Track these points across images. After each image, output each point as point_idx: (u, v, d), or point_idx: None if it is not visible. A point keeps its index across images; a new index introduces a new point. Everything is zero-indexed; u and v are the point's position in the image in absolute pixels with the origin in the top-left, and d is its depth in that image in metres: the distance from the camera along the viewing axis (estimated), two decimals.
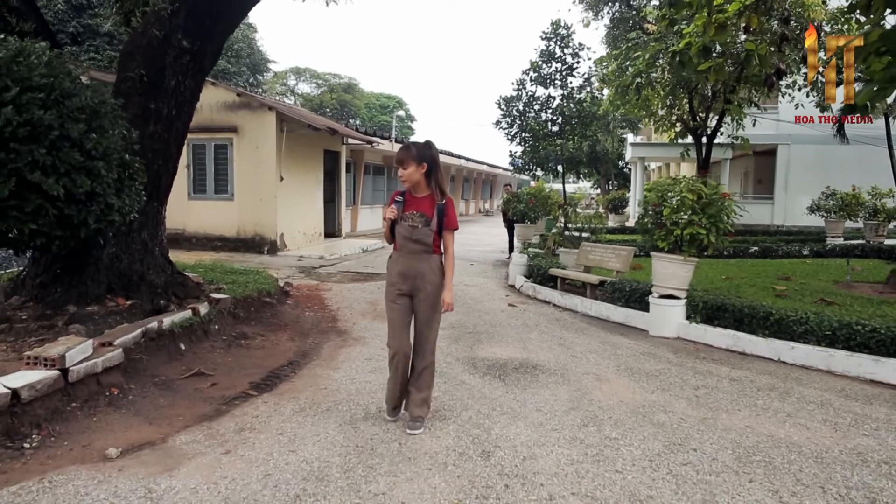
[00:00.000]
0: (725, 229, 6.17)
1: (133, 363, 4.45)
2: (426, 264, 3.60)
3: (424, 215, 3.58)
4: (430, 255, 3.61)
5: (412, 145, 3.62)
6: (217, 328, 5.74)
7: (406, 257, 3.63)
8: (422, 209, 3.60)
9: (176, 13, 6.31)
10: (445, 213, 3.60)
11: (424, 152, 3.59)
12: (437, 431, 3.71)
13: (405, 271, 3.61)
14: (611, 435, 3.71)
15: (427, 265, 3.61)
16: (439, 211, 3.59)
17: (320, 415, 3.94)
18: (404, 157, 3.56)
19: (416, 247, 3.59)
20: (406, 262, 3.63)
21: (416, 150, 3.57)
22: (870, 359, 5.00)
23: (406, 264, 3.62)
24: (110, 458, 3.24)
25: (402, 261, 3.64)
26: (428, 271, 3.60)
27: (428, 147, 3.64)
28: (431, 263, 3.62)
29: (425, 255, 3.60)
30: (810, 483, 3.13)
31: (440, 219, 3.59)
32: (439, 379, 4.75)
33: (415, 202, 3.64)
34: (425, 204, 3.62)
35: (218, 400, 4.20)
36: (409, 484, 3.03)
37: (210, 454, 3.32)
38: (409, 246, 3.60)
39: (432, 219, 3.57)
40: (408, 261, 3.62)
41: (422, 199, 3.63)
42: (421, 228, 3.56)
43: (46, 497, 2.82)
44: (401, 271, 3.63)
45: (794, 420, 4.03)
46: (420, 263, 3.60)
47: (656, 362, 5.41)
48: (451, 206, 3.64)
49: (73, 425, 3.61)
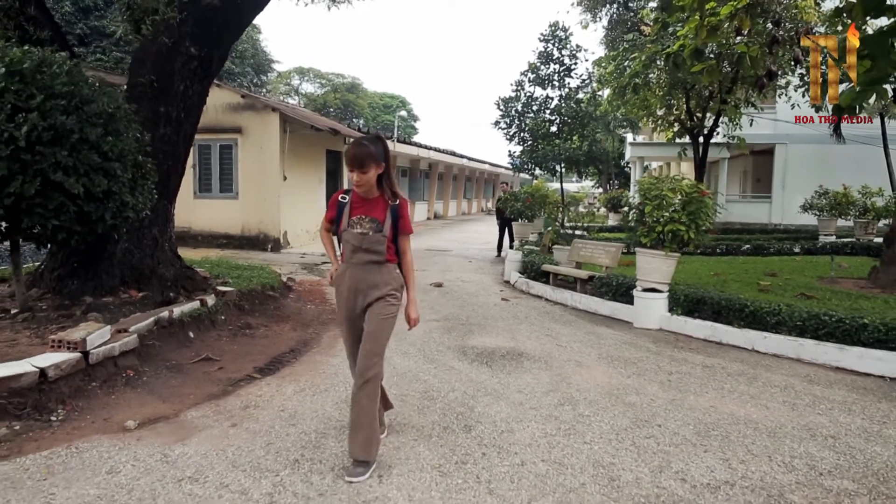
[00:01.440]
0: (705, 226, 6.49)
1: (147, 348, 4.81)
2: (379, 276, 3.15)
3: (376, 220, 3.11)
4: (383, 265, 3.16)
5: (368, 142, 3.07)
6: (223, 318, 6.09)
7: (355, 269, 3.16)
8: (373, 213, 3.12)
9: (184, 22, 6.65)
10: (401, 216, 3.15)
11: (381, 150, 3.10)
12: (425, 409, 4.06)
13: (356, 285, 3.16)
14: (584, 413, 4.05)
15: (380, 277, 3.15)
16: (393, 214, 3.13)
17: (319, 394, 4.30)
18: (364, 158, 3.00)
19: (366, 256, 3.12)
20: (356, 274, 3.16)
21: (375, 149, 3.06)
22: (835, 347, 5.32)
23: (356, 276, 3.16)
24: (129, 429, 3.60)
25: (352, 273, 3.17)
26: (382, 283, 3.15)
27: (382, 142, 3.15)
28: (386, 274, 3.17)
29: (377, 266, 3.14)
30: (759, 453, 3.47)
31: (395, 223, 3.13)
32: (429, 364, 5.10)
33: (363, 205, 3.15)
34: (377, 207, 3.14)
35: (225, 382, 4.56)
36: (397, 451, 3.38)
37: (218, 427, 3.68)
38: (358, 256, 3.13)
39: (384, 223, 3.10)
40: (358, 272, 3.16)
41: (372, 202, 3.15)
42: (372, 235, 3.09)
43: (74, 460, 3.18)
44: (351, 286, 3.17)
45: (756, 401, 4.36)
46: (371, 275, 3.14)
47: (636, 351, 5.74)
48: (406, 208, 3.22)
49: (94, 402, 3.98)
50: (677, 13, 11.89)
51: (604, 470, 3.22)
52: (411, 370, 4.93)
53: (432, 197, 30.73)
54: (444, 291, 8.99)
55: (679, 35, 12.34)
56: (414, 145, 26.55)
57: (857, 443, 3.63)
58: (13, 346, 4.45)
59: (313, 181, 15.68)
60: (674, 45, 12.60)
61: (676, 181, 6.69)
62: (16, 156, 4.23)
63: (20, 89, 4.33)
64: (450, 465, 3.24)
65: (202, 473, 3.06)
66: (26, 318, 5.10)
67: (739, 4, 11.28)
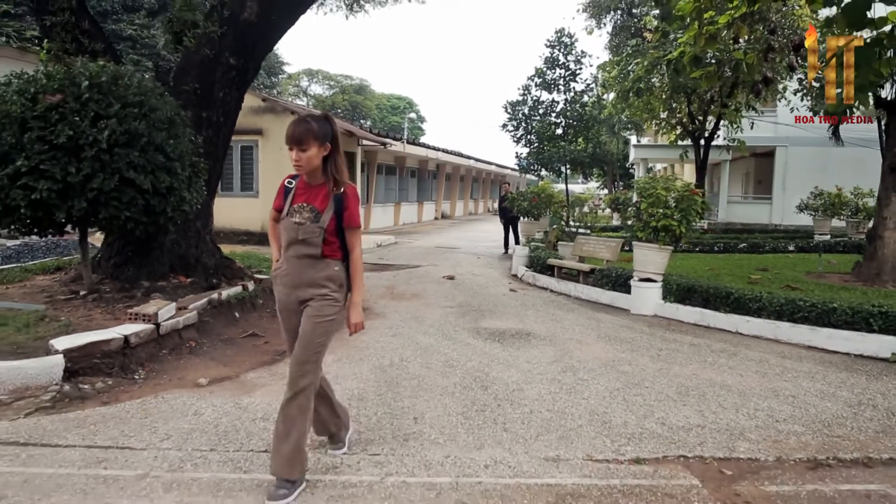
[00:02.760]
0: (695, 222, 7.16)
1: (202, 324, 5.52)
2: (314, 272, 2.81)
3: (315, 209, 2.79)
4: (321, 261, 2.81)
5: (311, 119, 2.79)
6: (261, 302, 6.80)
7: (292, 263, 2.84)
8: (314, 202, 2.82)
9: (225, 36, 7.37)
10: (346, 206, 2.81)
11: (326, 129, 2.79)
12: (447, 373, 4.75)
13: (292, 281, 2.84)
14: (583, 377, 4.74)
15: (316, 273, 2.81)
16: (337, 203, 2.80)
17: (355, 363, 5.00)
18: (303, 136, 2.72)
19: (302, 249, 2.80)
20: (293, 269, 2.84)
21: (319, 127, 2.76)
22: (808, 329, 5.99)
23: (292, 272, 2.84)
24: (201, 385, 4.32)
25: (288, 268, 2.86)
26: (319, 281, 2.81)
27: (329, 122, 2.83)
28: (324, 271, 2.82)
29: (315, 261, 2.80)
30: (729, 406, 4.14)
31: (339, 214, 2.79)
32: (448, 341, 5.80)
33: (306, 192, 2.86)
34: (319, 195, 2.83)
35: (272, 353, 5.27)
36: (426, 402, 4.08)
37: (274, 385, 4.38)
38: (294, 248, 2.81)
39: (324, 213, 2.78)
40: (294, 267, 2.83)
41: (315, 189, 2.85)
42: (308, 226, 2.77)
43: (164, 406, 3.89)
44: (287, 282, 2.86)
45: (732, 371, 5.04)
46: (308, 271, 2.81)
47: (631, 332, 6.42)
48: (354, 198, 2.85)
49: (167, 365, 4.69)
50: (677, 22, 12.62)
51: (598, 417, 3.91)
52: (432, 346, 5.62)
53: (440, 197, 31.42)
54: (456, 283, 9.68)
55: (679, 42, 13.05)
56: (423, 146, 27.25)
57: (813, 401, 4.30)
58: (90, 321, 5.17)
59: None
60: (674, 51, 13.31)
61: (670, 181, 7.36)
62: (97, 156, 4.95)
63: (100, 99, 5.05)
64: (471, 412, 3.93)
65: (270, 415, 3.76)
66: (95, 299, 5.82)
67: (737, 14, 11.99)
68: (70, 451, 3.20)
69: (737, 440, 3.57)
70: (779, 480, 3.07)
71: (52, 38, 7.18)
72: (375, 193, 22.31)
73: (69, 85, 5.05)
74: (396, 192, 25.31)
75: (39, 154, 4.79)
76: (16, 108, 4.85)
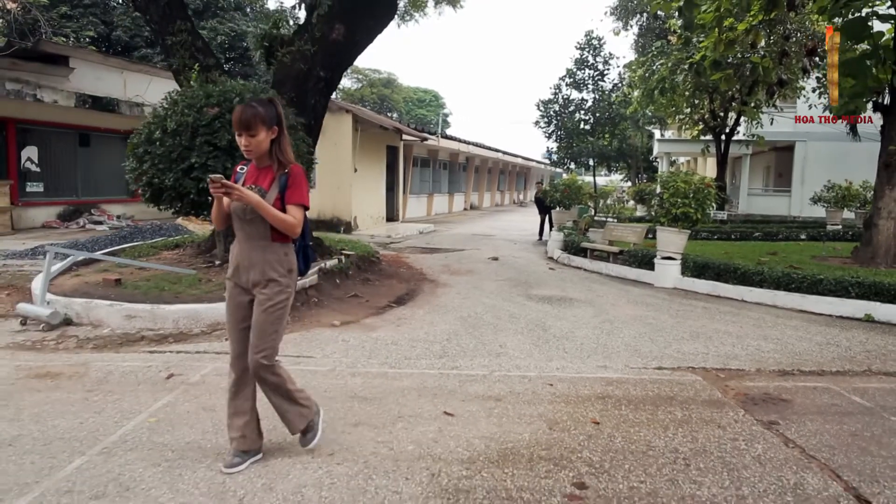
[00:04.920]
0: (710, 209, 8.54)
1: (317, 287, 7.10)
2: (262, 254, 2.84)
3: (262, 189, 2.82)
4: (268, 244, 2.85)
5: (257, 103, 2.80)
6: (351, 273, 8.37)
7: (241, 245, 2.90)
8: (261, 182, 2.86)
9: (316, 52, 8.90)
10: (289, 185, 2.82)
11: (272, 112, 2.83)
12: (514, 321, 6.26)
13: (241, 262, 2.89)
14: (618, 326, 6.22)
15: (263, 255, 2.84)
16: (281, 183, 2.82)
17: (441, 314, 6.54)
18: (251, 120, 2.74)
19: (250, 230, 2.84)
20: (241, 250, 2.90)
21: (265, 111, 2.79)
22: (799, 296, 7.37)
23: (241, 253, 2.90)
24: (336, 325, 5.88)
25: (237, 249, 2.92)
26: (264, 264, 2.84)
27: (274, 105, 2.87)
28: (270, 254, 2.85)
29: (262, 243, 2.84)
30: (727, 344, 5.59)
31: (282, 192, 2.81)
32: (508, 303, 7.30)
33: (255, 175, 2.91)
34: (266, 176, 2.88)
35: (375, 308, 6.83)
36: (504, 337, 5.60)
37: (388, 327, 5.92)
38: (244, 230, 2.87)
39: (268, 193, 2.80)
40: (243, 249, 2.89)
41: (263, 172, 2.90)
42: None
43: (317, 337, 5.46)
44: (236, 263, 2.91)
45: (734, 324, 6.47)
46: (255, 253, 2.85)
47: (654, 299, 7.86)
48: (299, 177, 2.87)
49: (303, 313, 6.27)
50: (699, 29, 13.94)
51: (630, 347, 5.39)
52: (496, 305, 7.13)
53: (469, 188, 32.90)
54: (501, 263, 11.17)
55: (701, 46, 14.35)
56: (455, 140, 28.71)
57: (792, 342, 5.74)
58: None
59: (376, 173, 18.00)
60: (696, 55, 14.60)
61: (689, 175, 8.75)
62: (230, 155, 6.51)
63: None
64: (538, 343, 5.44)
65: (396, 342, 5.31)
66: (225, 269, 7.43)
67: (755, 21, 13.31)
68: None
69: (730, 360, 5.03)
70: (756, 380, 4.53)
71: (173, 55, 8.81)
72: (410, 184, 23.84)
73: (223, 100, 6.63)
74: (430, 183, 26.85)
75: (207, 154, 6.39)
76: (189, 119, 6.45)
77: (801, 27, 15.24)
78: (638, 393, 4.14)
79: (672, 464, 3.06)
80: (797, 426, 3.61)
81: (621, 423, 3.59)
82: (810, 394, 4.25)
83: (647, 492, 2.77)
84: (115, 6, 27.26)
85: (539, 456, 3.11)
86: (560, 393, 4.10)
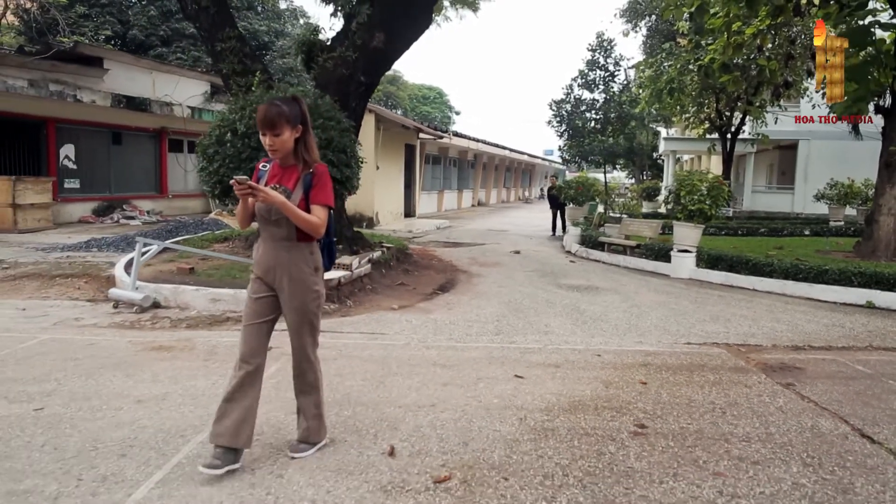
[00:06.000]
0: (723, 206, 9.24)
1: (369, 275, 7.80)
2: (287, 254, 2.86)
3: (287, 189, 2.82)
4: (293, 244, 2.86)
5: (281, 102, 2.79)
6: (392, 264, 9.08)
7: (266, 244, 2.92)
8: (286, 182, 2.86)
9: (357, 59, 9.58)
10: (313, 185, 2.82)
11: (297, 111, 2.82)
12: (552, 307, 6.97)
13: (265, 262, 2.90)
14: (645, 310, 6.93)
15: (288, 256, 2.86)
16: (305, 183, 2.81)
17: (485, 300, 7.24)
18: (276, 119, 2.73)
19: (275, 231, 2.86)
20: (266, 250, 2.91)
21: (290, 110, 2.78)
22: (806, 285, 8.08)
23: (266, 253, 2.91)
24: (394, 309, 6.59)
25: (262, 249, 2.93)
26: (290, 264, 2.86)
27: (298, 103, 2.85)
28: (295, 254, 2.86)
29: (287, 244, 2.85)
30: (744, 325, 6.30)
31: (306, 192, 2.81)
32: (541, 291, 8.01)
33: (279, 174, 2.90)
34: (290, 176, 2.87)
35: (423, 294, 7.53)
36: (547, 319, 6.31)
37: (441, 310, 6.63)
38: (268, 230, 2.89)
39: (293, 194, 2.80)
40: (268, 249, 2.91)
41: (288, 171, 2.89)
42: None
43: (382, 318, 6.16)
44: (260, 261, 2.92)
45: (747, 308, 7.18)
46: (280, 253, 2.86)
47: (673, 288, 8.57)
48: (324, 177, 2.86)
49: (362, 298, 6.98)
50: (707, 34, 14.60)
51: (660, 327, 6.11)
52: (532, 293, 7.84)
53: (476, 185, 33.59)
54: (523, 256, 11.88)
55: (710, 49, 15.04)
56: (464, 138, 29.37)
57: (801, 323, 6.45)
58: None
59: (395, 170, 18.69)
60: (704, 58, 15.28)
61: (703, 174, 9.44)
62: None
63: None
64: (578, 322, 6.16)
65: (453, 322, 6.02)
66: None
67: (762, 25, 13.99)
68: (351, 335, 5.48)
69: (748, 338, 5.75)
70: (773, 353, 5.25)
71: (222, 60, 9.49)
72: (423, 181, 24.52)
73: None
74: (441, 180, 27.53)
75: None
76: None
77: (806, 30, 15.89)
78: (674, 362, 4.86)
79: (711, 412, 3.77)
80: (810, 387, 4.32)
81: (664, 383, 4.30)
82: (820, 364, 4.96)
83: (694, 430, 3.48)
84: (131, 5, 27.84)
85: (602, 406, 3.82)
86: (608, 361, 4.81)
